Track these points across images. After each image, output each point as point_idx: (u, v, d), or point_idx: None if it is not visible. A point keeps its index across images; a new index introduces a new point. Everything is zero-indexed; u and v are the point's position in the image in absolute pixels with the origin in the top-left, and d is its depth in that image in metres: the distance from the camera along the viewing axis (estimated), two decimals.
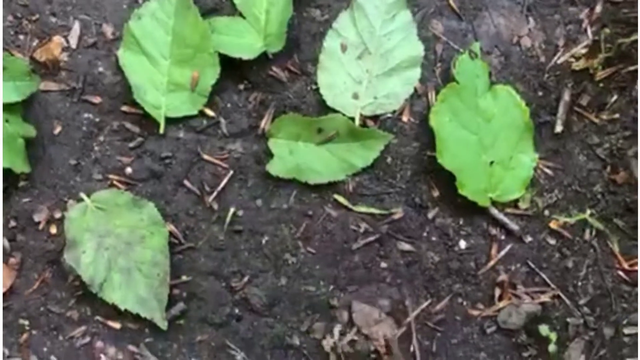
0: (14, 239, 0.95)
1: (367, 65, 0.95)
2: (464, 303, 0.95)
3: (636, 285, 0.95)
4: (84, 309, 0.95)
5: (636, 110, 0.96)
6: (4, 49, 0.95)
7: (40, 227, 0.95)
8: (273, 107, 0.96)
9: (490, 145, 0.94)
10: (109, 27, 0.96)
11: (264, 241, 0.95)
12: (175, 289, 0.94)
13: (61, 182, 0.95)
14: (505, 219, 0.95)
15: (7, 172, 0.90)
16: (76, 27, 0.96)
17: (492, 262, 0.96)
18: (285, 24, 0.93)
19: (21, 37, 0.96)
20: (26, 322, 0.94)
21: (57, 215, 0.95)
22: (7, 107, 0.90)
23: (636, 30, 0.94)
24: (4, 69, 0.88)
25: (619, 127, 0.97)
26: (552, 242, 0.96)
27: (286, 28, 0.93)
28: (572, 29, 0.98)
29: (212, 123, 0.96)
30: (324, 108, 0.95)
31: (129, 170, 0.95)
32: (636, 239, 0.95)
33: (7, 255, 0.95)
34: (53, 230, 0.95)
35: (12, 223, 0.95)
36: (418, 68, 0.95)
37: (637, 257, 0.95)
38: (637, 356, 0.94)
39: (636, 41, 0.93)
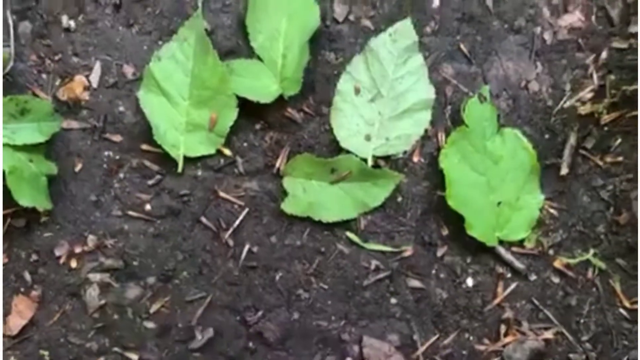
0: (35, 272, 0.98)
1: (380, 107, 0.98)
2: (471, 338, 0.99)
3: (637, 323, 0.98)
4: (103, 340, 0.98)
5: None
6: (28, 88, 0.98)
7: (61, 261, 0.98)
8: (288, 147, 0.99)
9: (498, 186, 0.98)
10: (130, 67, 0.99)
11: (277, 277, 0.99)
12: (193, 322, 0.97)
13: (82, 218, 0.98)
14: (512, 258, 0.99)
15: (30, 208, 0.94)
16: (97, 67, 0.99)
17: (498, 299, 0.99)
18: (301, 69, 0.96)
19: (44, 76, 0.99)
20: (46, 353, 0.97)
21: (78, 249, 0.98)
22: (31, 147, 0.92)
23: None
24: (28, 110, 0.91)
25: (622, 170, 1.00)
26: (556, 280, 0.99)
27: (302, 73, 0.96)
28: (578, 74, 1.01)
29: (229, 162, 0.99)
30: (337, 148, 0.99)
31: (147, 207, 0.98)
32: (636, 279, 0.99)
33: (28, 287, 0.98)
34: (73, 264, 0.98)
35: (34, 257, 0.98)
36: (429, 110, 0.98)
37: (637, 295, 0.98)
38: None
39: None
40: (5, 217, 0.97)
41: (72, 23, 0.99)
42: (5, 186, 0.90)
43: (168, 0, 0.99)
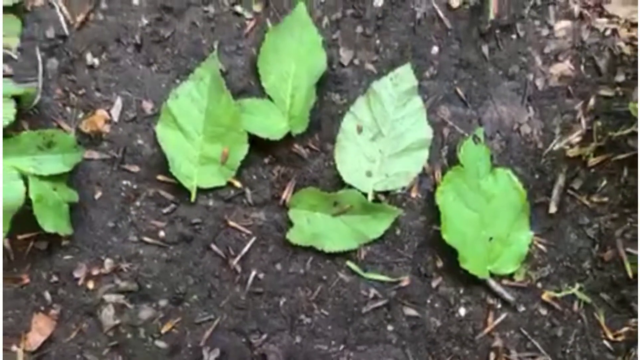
0: (55, 292, 1.04)
1: (380, 146, 1.05)
2: None
3: (619, 354, 1.04)
4: (116, 358, 1.03)
5: (623, 195, 1.05)
6: (53, 120, 1.05)
7: (79, 282, 1.04)
8: (294, 181, 1.06)
9: (490, 223, 1.04)
10: (149, 103, 1.06)
11: (281, 302, 1.05)
12: (201, 343, 1.03)
13: (100, 242, 1.05)
14: (502, 290, 1.04)
15: (52, 232, 1.00)
16: (118, 102, 1.06)
17: (488, 329, 1.05)
18: (308, 108, 1.02)
19: (68, 109, 1.05)
20: None
21: (95, 272, 1.04)
22: (56, 177, 0.99)
23: (624, 123, 1.03)
24: (55, 143, 0.98)
25: (607, 210, 1.06)
26: (544, 312, 1.05)
27: (309, 112, 1.02)
28: (567, 119, 1.07)
29: (239, 193, 1.05)
30: (340, 183, 1.05)
31: (162, 233, 1.05)
32: (619, 312, 1.04)
33: (48, 306, 1.04)
34: (91, 285, 1.04)
35: (54, 278, 1.04)
36: (426, 150, 1.05)
37: (620, 328, 1.04)
38: None
39: (626, 134, 1.02)
40: (28, 240, 1.04)
41: (95, 61, 1.06)
42: (30, 211, 0.96)
43: (186, 41, 1.06)
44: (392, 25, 1.07)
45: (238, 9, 1.07)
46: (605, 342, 1.04)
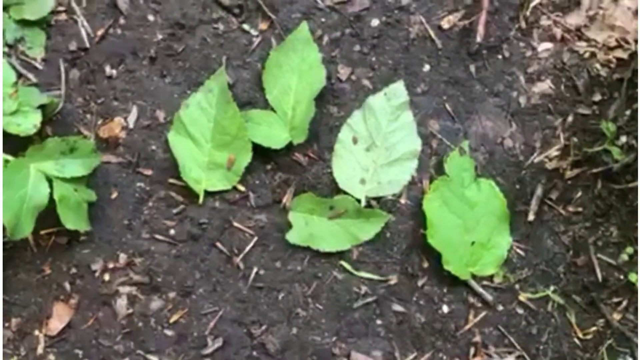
0: (74, 283, 1.12)
1: (374, 156, 1.13)
2: (444, 358, 1.13)
3: (588, 351, 1.13)
4: (128, 344, 1.11)
5: (597, 206, 1.14)
6: (74, 126, 1.14)
7: (96, 274, 1.12)
8: (294, 186, 1.14)
9: (473, 228, 1.12)
10: (162, 112, 1.14)
11: (280, 297, 1.13)
12: (206, 332, 1.12)
13: (115, 239, 1.13)
14: (482, 290, 1.13)
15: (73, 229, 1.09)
16: (134, 110, 1.14)
17: (469, 325, 1.13)
18: (308, 120, 1.11)
19: (88, 116, 1.14)
20: (80, 352, 1.11)
21: (110, 265, 1.13)
22: (76, 179, 1.07)
23: (599, 140, 1.11)
24: (76, 149, 1.06)
25: (581, 219, 1.14)
26: (520, 311, 1.14)
27: (308, 124, 1.11)
28: (547, 134, 1.15)
29: (243, 197, 1.14)
30: (336, 189, 1.13)
31: (172, 232, 1.13)
32: (589, 313, 1.13)
33: (67, 296, 1.12)
34: (106, 277, 1.12)
35: (73, 270, 1.12)
36: (416, 160, 1.13)
37: (590, 327, 1.13)
38: None
39: (600, 150, 1.11)
40: (50, 235, 1.12)
41: (114, 72, 1.14)
42: (51, 208, 1.05)
43: (197, 55, 1.15)
44: (387, 44, 1.15)
45: (245, 26, 1.15)
46: (575, 340, 1.13)
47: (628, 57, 1.13)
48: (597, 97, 1.14)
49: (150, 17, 1.15)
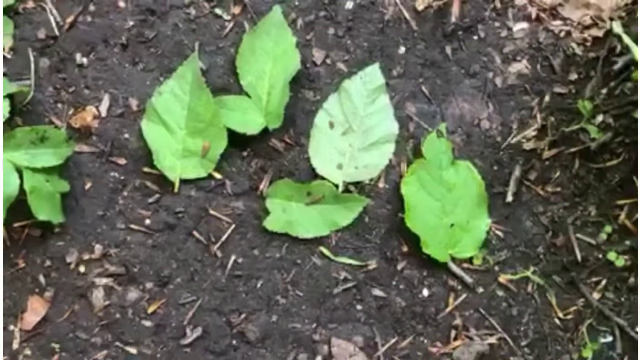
0: (48, 276, 1.11)
1: (351, 140, 1.12)
2: (425, 341, 1.13)
3: (568, 331, 1.13)
4: (106, 336, 1.10)
5: (575, 185, 1.14)
6: (45, 116, 1.12)
7: (71, 266, 1.11)
8: (271, 172, 1.13)
9: (451, 210, 1.12)
10: (134, 100, 1.13)
11: (259, 284, 1.12)
12: (184, 322, 1.11)
13: (90, 230, 1.12)
14: (462, 273, 1.13)
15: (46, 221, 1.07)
16: (106, 99, 1.13)
17: (449, 308, 1.13)
18: (283, 105, 1.09)
19: (59, 105, 1.12)
20: (57, 346, 1.10)
21: (86, 257, 1.11)
22: (48, 169, 1.06)
23: (576, 119, 1.11)
24: (47, 138, 1.05)
25: (560, 199, 1.14)
26: (500, 293, 1.14)
27: (284, 108, 1.10)
28: (524, 114, 1.15)
29: (219, 184, 1.13)
30: (314, 174, 1.12)
31: (147, 221, 1.12)
32: (569, 293, 1.13)
33: (42, 289, 1.11)
34: (82, 269, 1.11)
35: (48, 262, 1.11)
36: (393, 143, 1.12)
37: (570, 307, 1.13)
38: None
39: (577, 129, 1.11)
40: (23, 227, 1.11)
41: (84, 60, 1.12)
42: (24, 201, 1.03)
43: (169, 42, 1.13)
44: (362, 26, 1.14)
45: (217, 11, 1.14)
46: (555, 320, 1.13)
47: (603, 35, 1.13)
48: (573, 76, 1.14)
49: (121, 4, 1.13)
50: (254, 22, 1.14)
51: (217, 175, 1.13)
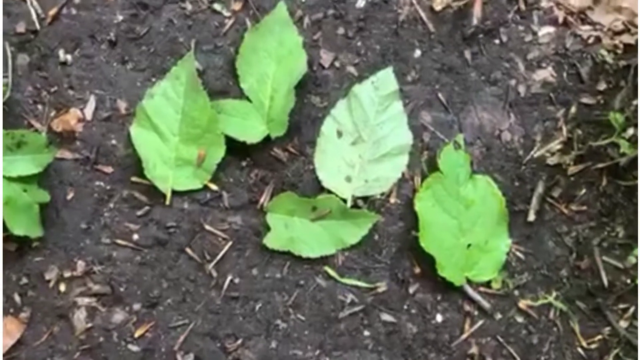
0: (25, 295, 1.02)
1: (360, 151, 1.04)
2: None
3: None
4: None
5: (602, 204, 1.06)
6: (23, 118, 1.02)
7: (51, 285, 1.02)
8: (272, 184, 1.04)
9: (469, 229, 1.03)
10: (123, 102, 1.04)
11: (257, 307, 1.04)
12: (175, 347, 1.02)
13: (72, 244, 1.03)
14: (479, 297, 1.05)
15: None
16: (92, 100, 1.03)
17: (464, 335, 1.05)
18: (287, 111, 1.01)
19: (40, 107, 1.03)
20: None
21: (67, 274, 1.02)
22: (25, 178, 0.96)
23: (605, 132, 1.03)
24: (25, 143, 0.95)
25: (585, 218, 1.06)
26: (520, 319, 1.06)
27: (288, 115, 1.01)
28: (549, 126, 1.07)
29: (215, 196, 1.04)
30: (319, 187, 1.04)
31: (135, 236, 1.03)
32: (594, 320, 1.06)
33: (17, 309, 1.02)
34: (62, 288, 1.02)
35: (24, 280, 1.02)
36: (406, 155, 1.04)
37: (595, 336, 1.05)
38: None
39: (606, 143, 1.03)
40: None
41: (68, 57, 1.03)
42: None
43: (162, 39, 1.04)
44: (374, 27, 1.06)
45: (216, 6, 1.05)
46: (579, 349, 1.05)
47: (635, 42, 1.05)
48: (602, 86, 1.06)
49: None
50: (256, 19, 1.05)
51: (213, 187, 1.04)
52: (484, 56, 1.07)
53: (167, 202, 1.03)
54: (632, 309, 1.05)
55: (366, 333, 1.05)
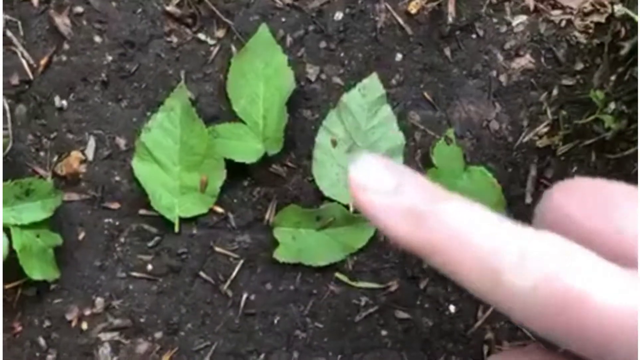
0: (49, 337, 1.04)
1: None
2: None
3: None
4: None
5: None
6: (27, 167, 1.05)
7: (73, 324, 1.04)
8: (275, 200, 1.07)
9: None
10: (122, 139, 1.06)
11: (275, 320, 1.06)
12: None
13: (88, 282, 1.05)
14: None
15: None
16: (92, 141, 1.06)
17: (479, 323, 1.07)
18: (281, 128, 1.03)
19: (42, 154, 1.05)
20: None
21: (87, 312, 1.04)
22: (37, 224, 0.99)
23: (588, 109, 1.07)
24: (33, 191, 0.98)
25: None
26: None
27: (283, 131, 1.04)
28: (533, 110, 1.10)
29: (222, 218, 1.06)
30: (321, 197, 1.06)
31: (149, 267, 1.05)
32: None
33: (43, 352, 1.04)
34: (84, 326, 1.04)
35: (47, 323, 1.04)
36: (400, 156, 1.07)
37: None
38: None
39: (590, 120, 1.06)
40: (16, 288, 1.03)
41: (64, 102, 1.05)
42: (14, 259, 0.96)
43: (152, 74, 1.06)
44: (354, 37, 1.09)
45: (201, 36, 1.07)
46: None
47: (605, 20, 1.08)
48: (580, 66, 1.09)
49: (97, 39, 1.06)
50: (240, 44, 1.07)
51: (219, 210, 1.06)
52: (463, 51, 1.10)
53: (176, 230, 1.05)
54: None
55: (384, 332, 1.07)
